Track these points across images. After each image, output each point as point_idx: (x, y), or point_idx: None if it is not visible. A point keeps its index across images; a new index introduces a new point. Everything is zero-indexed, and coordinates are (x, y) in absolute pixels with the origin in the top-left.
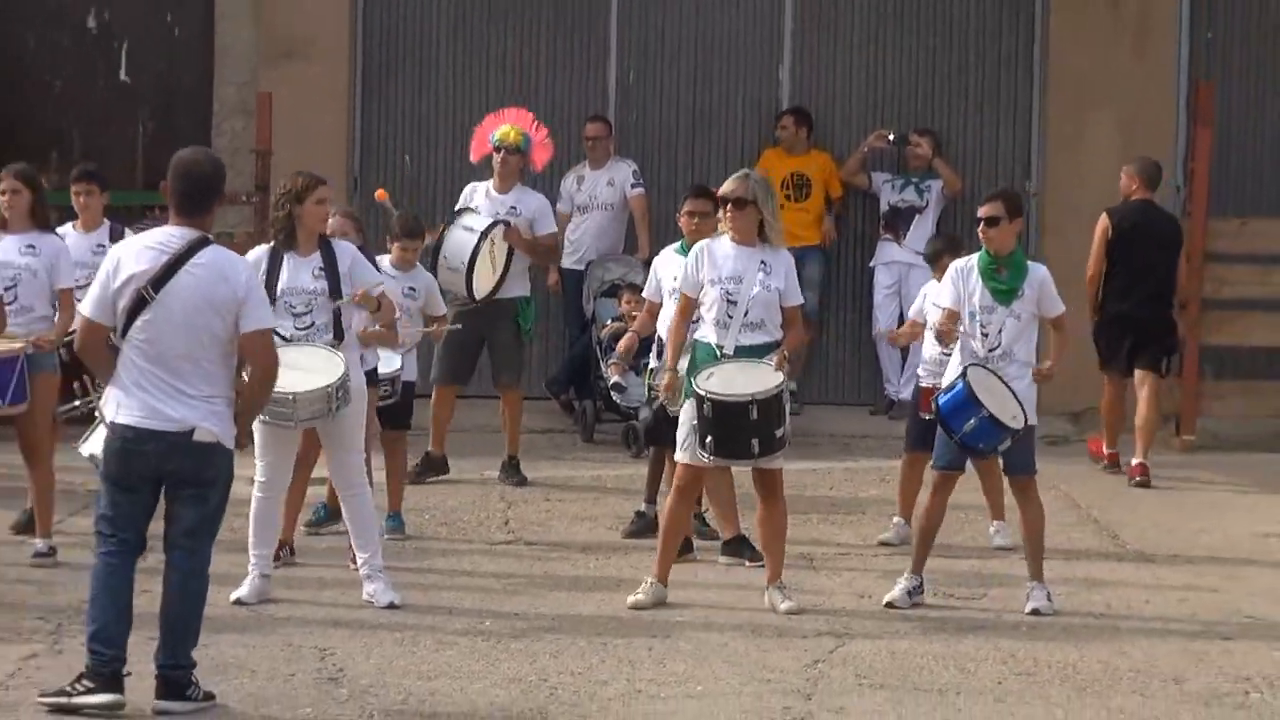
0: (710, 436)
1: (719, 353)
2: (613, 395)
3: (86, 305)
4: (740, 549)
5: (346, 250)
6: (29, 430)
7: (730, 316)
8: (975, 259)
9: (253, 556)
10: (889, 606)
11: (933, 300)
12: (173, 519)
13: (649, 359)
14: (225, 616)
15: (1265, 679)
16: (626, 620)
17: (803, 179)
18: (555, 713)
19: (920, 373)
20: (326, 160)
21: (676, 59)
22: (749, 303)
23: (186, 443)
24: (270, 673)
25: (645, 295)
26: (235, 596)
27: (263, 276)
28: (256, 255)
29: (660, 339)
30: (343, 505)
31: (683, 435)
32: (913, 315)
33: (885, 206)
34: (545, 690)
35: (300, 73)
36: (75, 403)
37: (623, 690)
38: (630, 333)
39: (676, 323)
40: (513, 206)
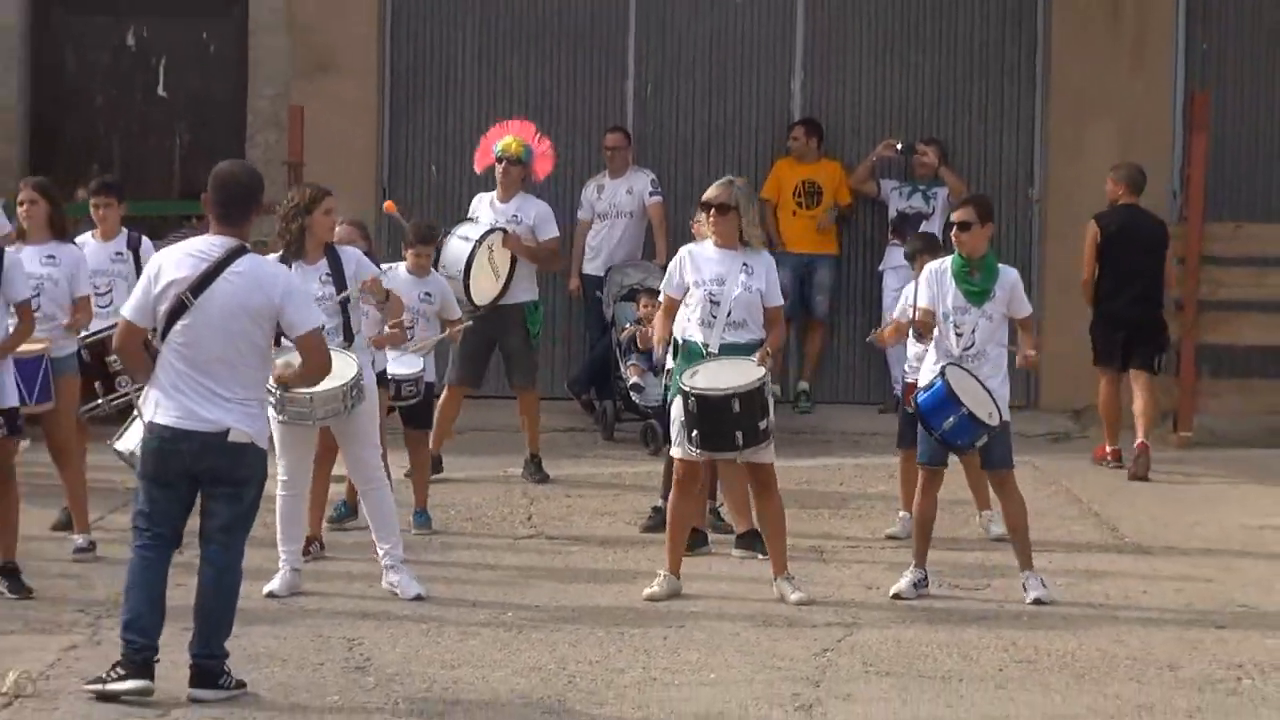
0: (696, 430)
1: (704, 350)
2: (632, 395)
3: (127, 308)
4: (753, 543)
5: (351, 254)
6: (55, 431)
7: (714, 316)
8: (948, 262)
9: (282, 553)
10: (896, 599)
11: (906, 298)
12: (208, 515)
13: (667, 360)
14: (257, 609)
15: (1257, 666)
16: (643, 611)
17: (814, 187)
18: (573, 700)
19: (905, 370)
20: (356, 172)
21: (692, 73)
22: (732, 303)
23: (221, 443)
24: (300, 662)
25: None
26: (268, 590)
27: None
28: None
29: (676, 341)
30: (362, 500)
31: (675, 431)
32: (895, 315)
33: (893, 213)
34: (564, 678)
35: (331, 87)
36: (97, 402)
37: (639, 678)
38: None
39: (661, 321)
40: (514, 215)
